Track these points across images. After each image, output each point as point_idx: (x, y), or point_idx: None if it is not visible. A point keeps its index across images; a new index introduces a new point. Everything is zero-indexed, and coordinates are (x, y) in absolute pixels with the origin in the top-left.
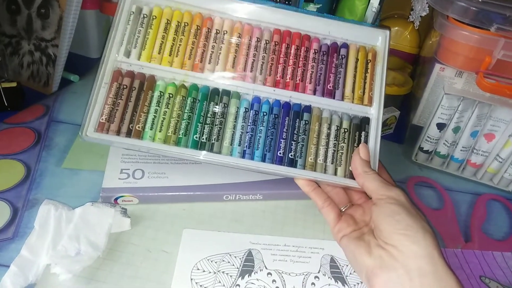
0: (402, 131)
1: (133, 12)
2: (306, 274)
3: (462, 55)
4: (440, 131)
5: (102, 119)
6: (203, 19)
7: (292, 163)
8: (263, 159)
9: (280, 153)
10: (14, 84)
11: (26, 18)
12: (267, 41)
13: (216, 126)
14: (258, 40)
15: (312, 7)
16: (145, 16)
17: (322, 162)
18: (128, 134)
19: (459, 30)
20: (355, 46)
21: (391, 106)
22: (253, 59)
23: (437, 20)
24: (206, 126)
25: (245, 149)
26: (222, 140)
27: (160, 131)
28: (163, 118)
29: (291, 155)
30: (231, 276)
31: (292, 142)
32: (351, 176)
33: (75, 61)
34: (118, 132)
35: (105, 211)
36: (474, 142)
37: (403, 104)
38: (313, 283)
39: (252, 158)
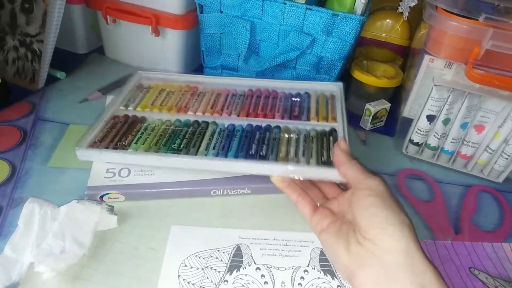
0: (393, 124)
1: (136, 86)
2: (295, 268)
3: (451, 46)
4: (430, 123)
5: (96, 141)
6: (190, 88)
7: (264, 159)
8: (236, 157)
9: (251, 152)
10: None
11: (10, 13)
12: (241, 95)
13: (194, 139)
14: (234, 95)
15: None
16: (145, 87)
17: (293, 156)
18: (115, 149)
19: (448, 21)
20: (315, 94)
21: (382, 99)
22: (229, 103)
23: (426, 11)
24: (184, 140)
25: (219, 152)
26: (198, 148)
27: (143, 144)
28: (147, 136)
29: (262, 153)
30: (219, 272)
31: (263, 145)
32: (325, 164)
33: (62, 57)
34: (106, 148)
35: (91, 209)
36: (464, 133)
37: (394, 97)
38: (302, 277)
39: (225, 157)
